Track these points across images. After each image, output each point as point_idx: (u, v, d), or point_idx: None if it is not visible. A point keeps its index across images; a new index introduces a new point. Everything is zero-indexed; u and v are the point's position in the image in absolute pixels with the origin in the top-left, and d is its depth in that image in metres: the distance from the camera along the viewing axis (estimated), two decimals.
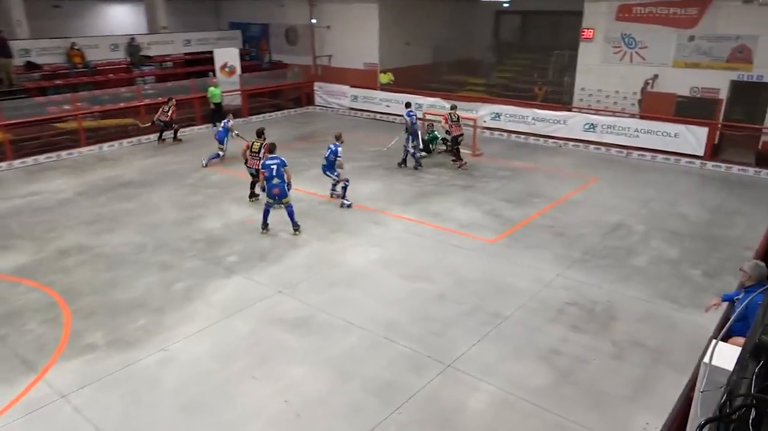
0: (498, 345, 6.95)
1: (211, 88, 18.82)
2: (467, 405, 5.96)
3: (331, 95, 21.97)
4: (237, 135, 14.99)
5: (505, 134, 17.81)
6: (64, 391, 6.19)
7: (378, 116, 20.65)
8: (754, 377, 1.68)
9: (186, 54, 23.33)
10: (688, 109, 15.65)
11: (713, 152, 14.82)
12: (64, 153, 15.85)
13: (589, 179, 13.38)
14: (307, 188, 12.80)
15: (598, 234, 10.29)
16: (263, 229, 10.27)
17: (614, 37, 16.59)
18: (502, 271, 8.88)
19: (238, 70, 20.98)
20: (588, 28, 16.96)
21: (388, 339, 7.06)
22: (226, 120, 15.06)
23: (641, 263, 9.18)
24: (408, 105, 14.45)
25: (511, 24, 24.88)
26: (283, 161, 9.89)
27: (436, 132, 15.74)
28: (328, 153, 11.48)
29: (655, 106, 16.02)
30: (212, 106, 18.76)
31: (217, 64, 20.74)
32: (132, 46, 21.47)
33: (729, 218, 11.16)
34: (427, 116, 16.93)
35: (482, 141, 16.31)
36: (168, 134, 17.25)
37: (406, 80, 20.91)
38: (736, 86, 15.07)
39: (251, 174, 11.66)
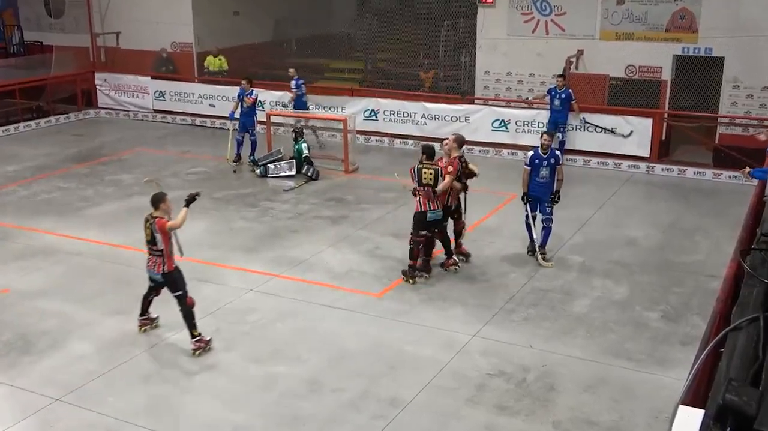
0: None
1: None
2: None
3: (124, 92, 21.50)
4: None
5: (386, 140, 18.37)
6: None
7: (198, 121, 20.43)
8: None
9: None
10: (625, 94, 17.13)
11: (661, 151, 16.31)
12: None
13: (505, 197, 14.12)
14: (93, 235, 12.39)
15: (523, 273, 10.87)
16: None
17: (523, 0, 17.85)
18: (397, 337, 9.07)
19: None
20: None
21: None
22: None
23: (582, 309, 9.82)
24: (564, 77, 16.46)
25: None
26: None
27: (303, 144, 15.82)
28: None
29: (582, 92, 17.33)
30: None
31: None
32: None
33: (687, 239, 12.29)
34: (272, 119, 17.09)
35: (356, 151, 16.70)
36: None
37: (237, 66, 20.95)
38: (682, 63, 16.77)
39: None
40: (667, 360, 8.46)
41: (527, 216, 11.37)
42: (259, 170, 15.73)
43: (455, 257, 11.01)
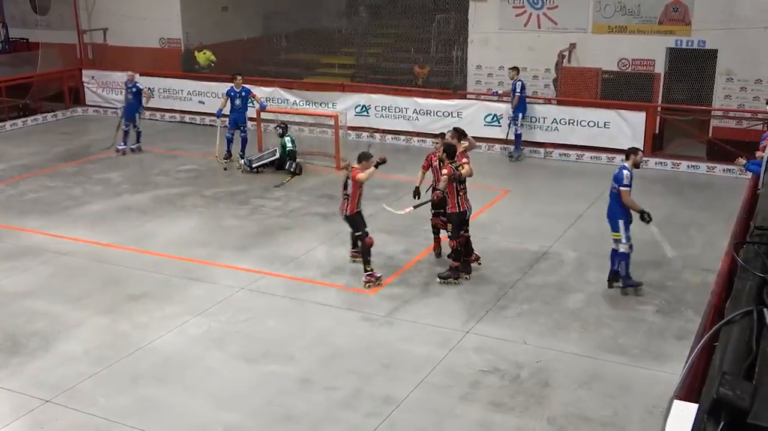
0: None
1: None
2: None
3: (112, 89, 21.43)
4: None
5: (378, 136, 18.35)
6: None
7: (188, 118, 20.40)
8: None
9: None
10: (618, 88, 17.18)
11: (655, 145, 16.35)
12: None
13: (498, 193, 14.17)
14: (82, 234, 12.36)
15: (517, 269, 10.90)
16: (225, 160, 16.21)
17: None
18: (390, 335, 9.10)
19: None
20: None
21: None
22: None
23: (576, 304, 9.86)
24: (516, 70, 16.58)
25: None
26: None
27: (286, 138, 15.83)
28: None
29: (574, 86, 17.39)
30: None
31: None
32: None
33: (682, 233, 12.33)
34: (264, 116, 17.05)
35: (346, 147, 16.68)
36: None
37: (228, 61, 20.95)
38: (675, 56, 16.83)
39: None
40: (661, 355, 8.51)
41: (629, 246, 10.12)
42: (243, 162, 15.78)
43: (476, 253, 11.02)
